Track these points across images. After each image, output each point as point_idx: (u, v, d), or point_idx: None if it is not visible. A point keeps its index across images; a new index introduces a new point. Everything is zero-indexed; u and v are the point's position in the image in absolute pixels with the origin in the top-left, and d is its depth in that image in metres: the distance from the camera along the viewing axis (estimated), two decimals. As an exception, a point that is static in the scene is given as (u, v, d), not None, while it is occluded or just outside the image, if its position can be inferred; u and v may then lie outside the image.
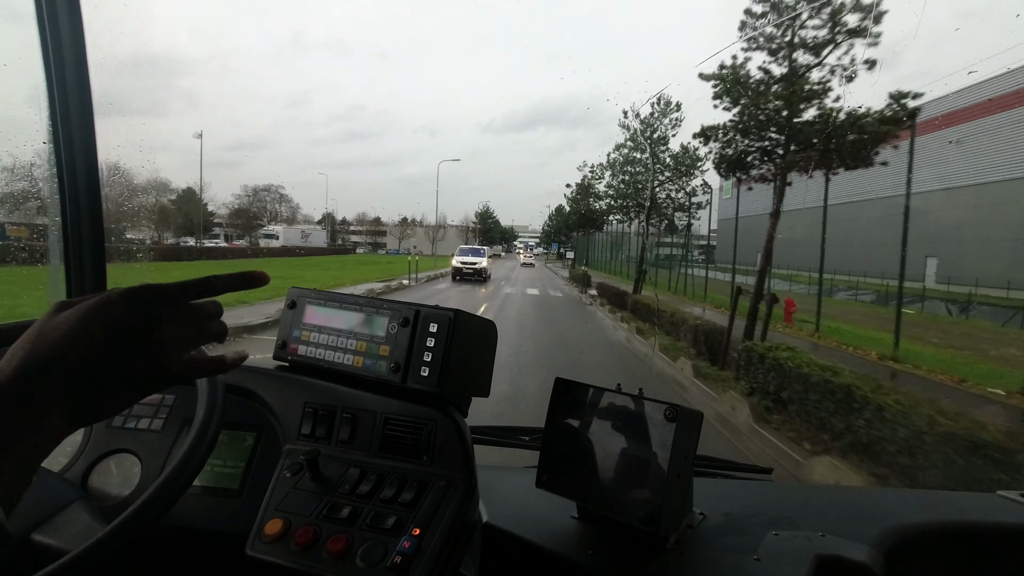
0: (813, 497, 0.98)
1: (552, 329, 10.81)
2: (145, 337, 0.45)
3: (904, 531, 0.85)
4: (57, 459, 0.82)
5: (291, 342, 0.85)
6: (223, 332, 0.51)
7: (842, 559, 0.76)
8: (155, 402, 0.87)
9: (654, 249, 16.81)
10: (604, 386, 0.79)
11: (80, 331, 0.43)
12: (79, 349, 0.42)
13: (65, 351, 0.42)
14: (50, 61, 1.09)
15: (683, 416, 0.72)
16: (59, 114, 1.11)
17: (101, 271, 1.20)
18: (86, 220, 1.16)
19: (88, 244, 1.17)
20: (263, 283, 0.52)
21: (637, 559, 0.75)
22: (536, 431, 1.16)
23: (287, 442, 0.78)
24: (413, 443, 0.74)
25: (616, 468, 0.74)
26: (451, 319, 0.76)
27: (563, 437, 0.79)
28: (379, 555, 0.62)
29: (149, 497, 0.56)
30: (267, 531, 0.66)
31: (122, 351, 0.44)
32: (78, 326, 0.43)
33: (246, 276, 0.51)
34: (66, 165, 1.13)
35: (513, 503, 0.88)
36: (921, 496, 1.06)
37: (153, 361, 0.46)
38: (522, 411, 4.79)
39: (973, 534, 0.89)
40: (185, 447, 0.61)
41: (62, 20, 1.07)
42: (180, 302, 0.48)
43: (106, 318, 0.44)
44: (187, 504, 0.66)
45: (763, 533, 0.80)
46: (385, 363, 0.78)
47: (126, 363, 0.44)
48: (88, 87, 1.12)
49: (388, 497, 0.68)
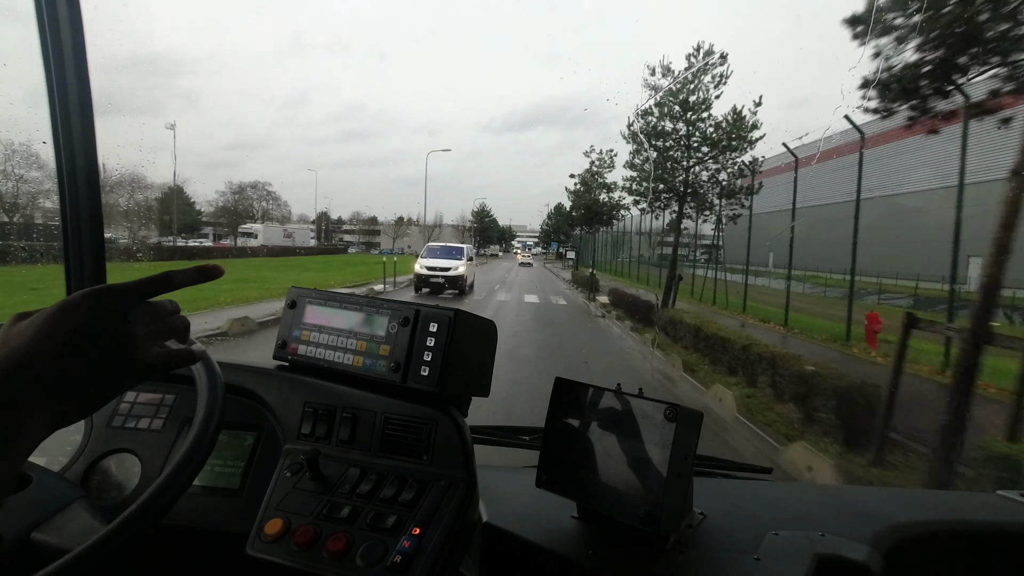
0: (813, 497, 0.98)
1: (560, 353, 8.03)
2: (114, 334, 0.47)
3: (904, 531, 0.85)
4: (57, 459, 0.82)
5: (291, 342, 0.85)
6: (186, 326, 0.55)
7: (842, 559, 0.76)
8: (155, 402, 0.87)
9: (675, 248, 13.24)
10: (604, 386, 0.79)
11: (45, 336, 0.44)
12: (47, 354, 0.43)
13: (31, 357, 0.43)
14: (50, 61, 1.09)
15: (683, 416, 0.72)
16: (59, 114, 1.11)
17: (101, 270, 1.20)
18: (86, 220, 1.16)
19: (88, 244, 1.17)
20: (218, 275, 0.55)
21: (637, 559, 0.75)
22: (536, 431, 1.16)
23: (287, 442, 0.78)
24: (413, 443, 0.74)
25: (616, 468, 0.74)
26: (451, 319, 0.76)
27: (563, 437, 0.79)
28: (379, 555, 0.62)
29: (149, 496, 0.56)
30: (267, 531, 0.66)
31: (93, 349, 0.45)
32: (43, 331, 0.44)
33: (203, 270, 0.55)
34: (66, 165, 1.13)
35: (513, 503, 0.88)
36: (921, 496, 1.06)
37: (126, 356, 0.47)
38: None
39: (973, 534, 0.89)
40: (185, 447, 0.61)
41: (62, 20, 1.07)
42: (141, 299, 0.50)
43: (73, 320, 0.45)
44: (187, 504, 0.66)
45: (763, 533, 0.81)
46: (385, 363, 0.78)
47: (99, 361, 0.46)
48: (88, 87, 1.12)
49: (388, 497, 0.68)
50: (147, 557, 0.77)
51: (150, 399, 0.87)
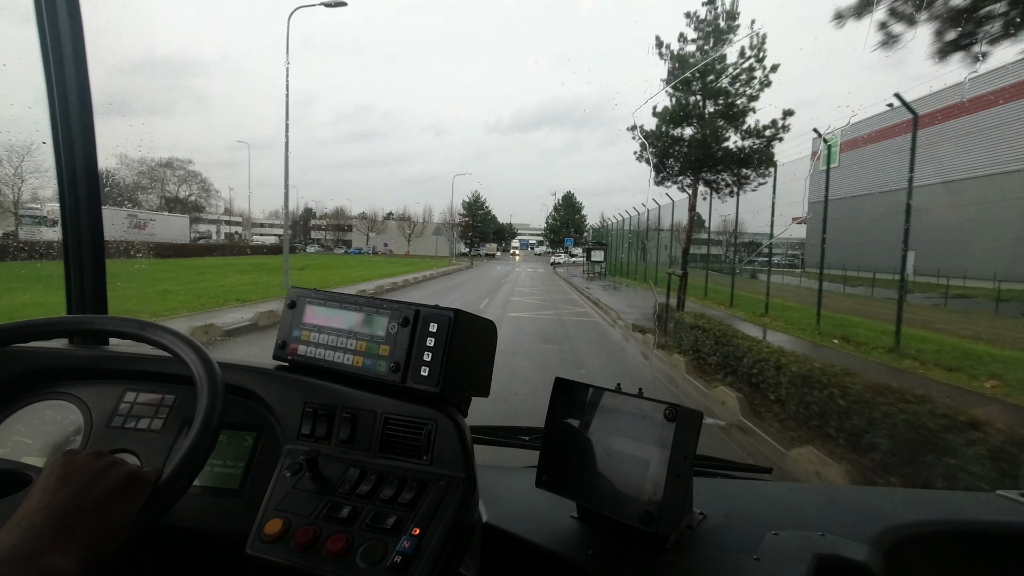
0: (813, 497, 0.98)
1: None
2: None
3: (904, 531, 0.85)
4: None
5: (291, 342, 0.85)
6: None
7: (842, 559, 0.76)
8: (155, 402, 0.87)
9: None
10: (604, 386, 0.79)
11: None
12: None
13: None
14: (50, 61, 1.09)
15: (683, 416, 0.72)
16: (59, 114, 1.11)
17: (101, 269, 1.20)
18: (86, 219, 1.16)
19: (88, 243, 1.17)
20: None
21: (637, 559, 0.75)
22: (536, 431, 1.16)
23: (287, 442, 0.78)
24: (413, 443, 0.74)
25: (616, 468, 0.74)
26: (451, 319, 0.76)
27: (563, 437, 0.79)
28: (379, 555, 0.62)
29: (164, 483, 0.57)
30: (267, 531, 0.66)
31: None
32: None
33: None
34: (66, 165, 1.13)
35: (513, 503, 0.88)
36: (921, 496, 1.06)
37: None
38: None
39: (973, 534, 0.89)
40: (185, 447, 0.61)
41: (62, 20, 1.07)
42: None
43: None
44: (187, 504, 0.66)
45: (763, 533, 0.81)
46: (385, 363, 0.78)
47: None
48: (88, 87, 1.13)
49: (388, 497, 0.68)
50: (147, 557, 0.77)
51: (150, 399, 0.87)
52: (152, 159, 37.89)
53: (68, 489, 0.49)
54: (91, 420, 0.87)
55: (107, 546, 0.48)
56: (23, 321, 0.79)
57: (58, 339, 0.90)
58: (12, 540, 0.44)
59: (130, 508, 0.52)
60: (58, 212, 1.18)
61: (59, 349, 0.97)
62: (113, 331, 0.80)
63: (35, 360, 0.92)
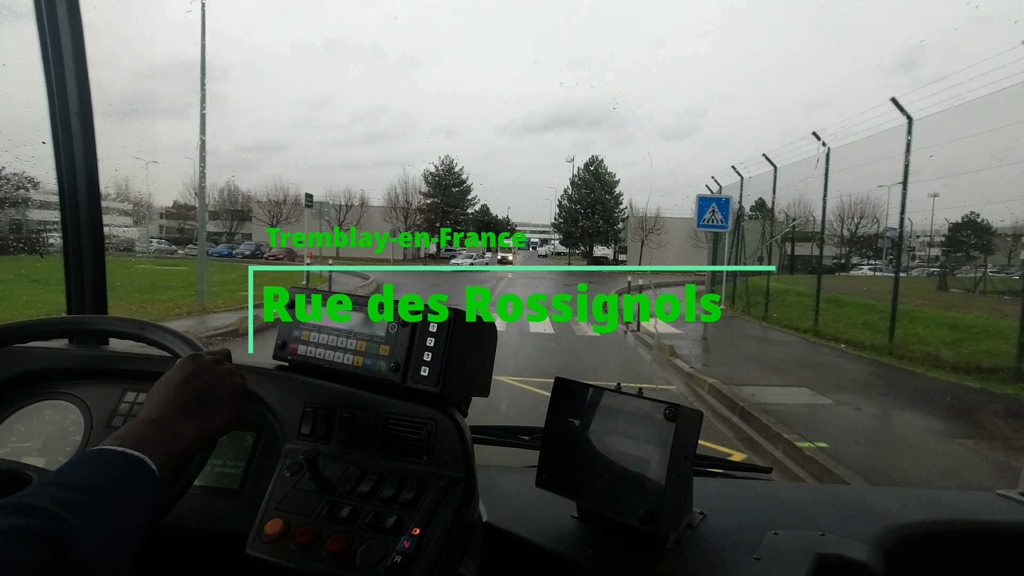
0: (813, 497, 0.98)
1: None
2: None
3: (903, 530, 0.85)
4: (57, 459, 0.82)
5: (291, 342, 0.85)
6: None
7: (842, 558, 0.76)
8: None
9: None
10: (604, 386, 0.79)
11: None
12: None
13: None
14: (50, 61, 1.09)
15: (683, 416, 0.72)
16: (59, 114, 1.11)
17: (101, 269, 1.20)
18: (86, 219, 1.16)
19: (88, 242, 1.17)
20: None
21: (637, 559, 0.75)
22: (536, 431, 1.16)
23: (287, 442, 0.78)
24: (413, 443, 0.74)
25: (616, 468, 0.74)
26: (451, 319, 0.76)
27: (563, 437, 0.79)
28: (379, 555, 0.62)
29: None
30: (267, 531, 0.66)
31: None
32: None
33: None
34: (66, 165, 1.13)
35: (513, 503, 0.88)
36: (921, 496, 1.06)
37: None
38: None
39: (972, 533, 0.89)
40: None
41: (62, 20, 1.07)
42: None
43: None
44: (187, 504, 0.67)
45: (763, 533, 0.81)
46: (385, 363, 0.78)
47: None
48: (88, 87, 1.13)
49: (388, 497, 0.68)
50: (147, 557, 0.77)
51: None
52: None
53: (195, 383, 0.64)
54: (91, 420, 0.87)
55: (215, 431, 0.64)
56: (23, 321, 0.79)
57: (58, 339, 0.90)
58: (155, 410, 0.60)
59: (232, 411, 0.66)
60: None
61: (59, 349, 0.97)
62: (113, 331, 0.80)
63: (35, 360, 0.92)
